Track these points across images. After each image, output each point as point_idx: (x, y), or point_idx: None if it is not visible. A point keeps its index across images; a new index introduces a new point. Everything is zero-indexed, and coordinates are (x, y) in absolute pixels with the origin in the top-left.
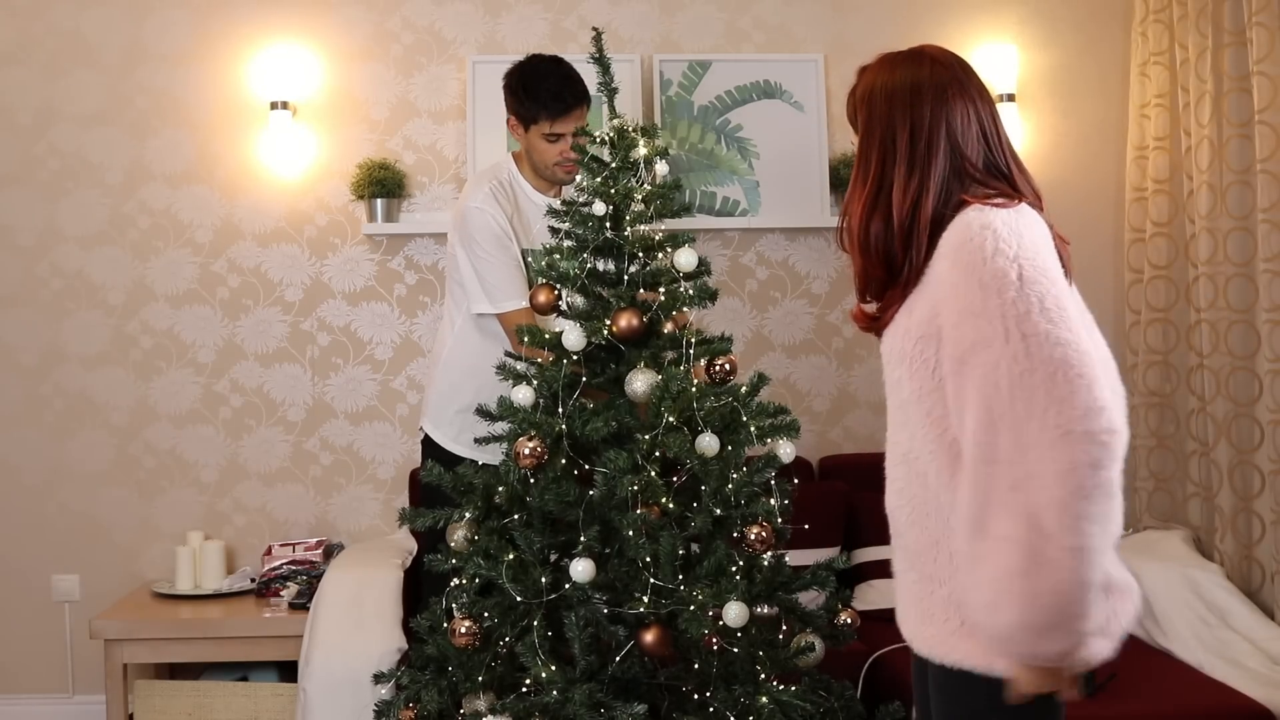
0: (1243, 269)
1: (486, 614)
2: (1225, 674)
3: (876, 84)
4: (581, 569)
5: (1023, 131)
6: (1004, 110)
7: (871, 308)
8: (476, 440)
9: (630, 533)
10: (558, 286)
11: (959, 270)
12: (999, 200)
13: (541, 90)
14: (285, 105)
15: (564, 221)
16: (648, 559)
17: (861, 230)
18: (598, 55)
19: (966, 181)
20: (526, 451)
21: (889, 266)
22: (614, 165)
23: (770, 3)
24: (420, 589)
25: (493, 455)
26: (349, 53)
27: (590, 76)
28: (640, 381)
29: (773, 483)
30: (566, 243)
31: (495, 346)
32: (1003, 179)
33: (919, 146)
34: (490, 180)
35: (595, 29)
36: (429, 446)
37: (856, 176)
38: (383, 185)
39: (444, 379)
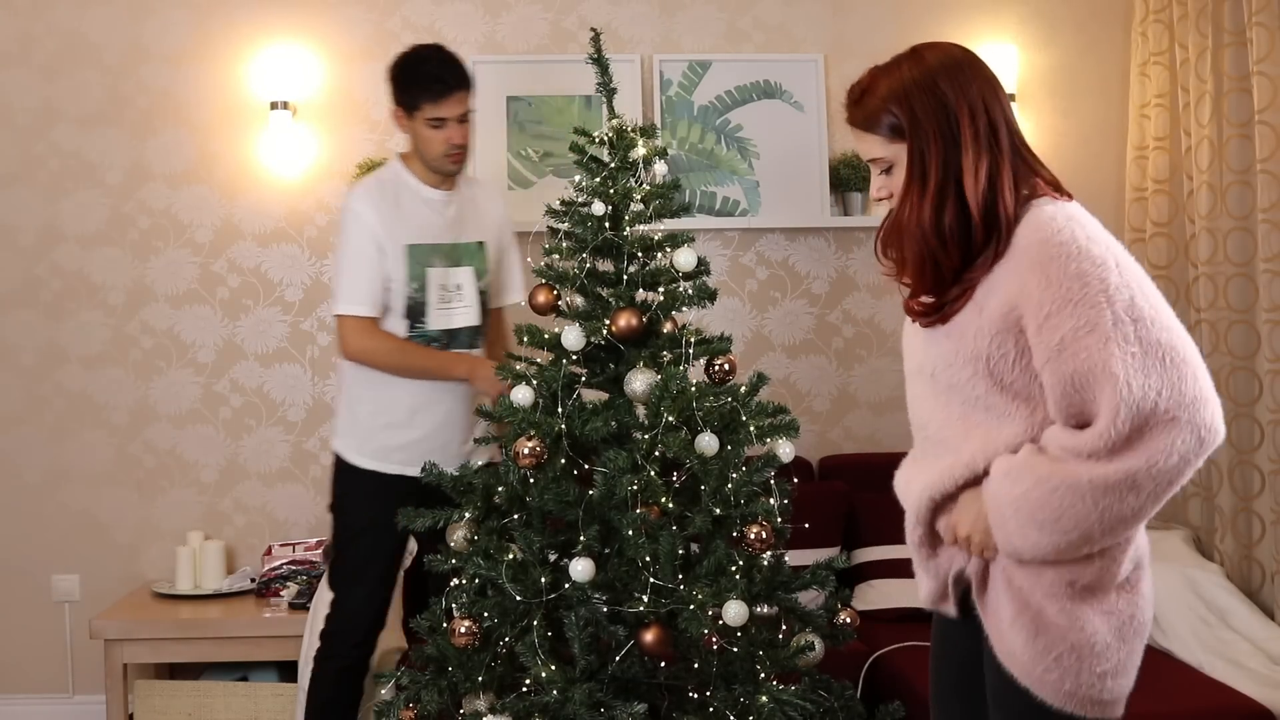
0: (1243, 269)
1: (486, 614)
2: (1225, 674)
3: (908, 77)
4: (581, 569)
5: (1023, 132)
6: None
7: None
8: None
9: (630, 532)
10: (556, 286)
11: (1050, 262)
12: (1064, 196)
13: (421, 74)
14: (285, 105)
15: (563, 221)
16: (647, 559)
17: (933, 224)
18: (596, 55)
19: (1029, 165)
20: (526, 451)
21: (966, 255)
22: (613, 165)
23: (770, 3)
24: (417, 588)
25: (398, 467)
26: (349, 53)
27: (590, 77)
28: (639, 381)
29: (772, 482)
30: (565, 243)
31: None
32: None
33: (980, 125)
34: (375, 179)
35: (593, 29)
36: (336, 462)
37: (912, 175)
38: None
39: (345, 392)
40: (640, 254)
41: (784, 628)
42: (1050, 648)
